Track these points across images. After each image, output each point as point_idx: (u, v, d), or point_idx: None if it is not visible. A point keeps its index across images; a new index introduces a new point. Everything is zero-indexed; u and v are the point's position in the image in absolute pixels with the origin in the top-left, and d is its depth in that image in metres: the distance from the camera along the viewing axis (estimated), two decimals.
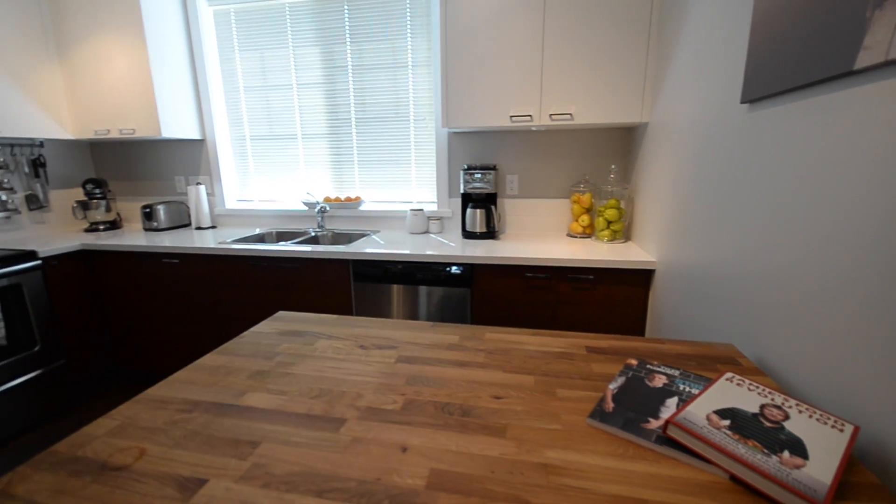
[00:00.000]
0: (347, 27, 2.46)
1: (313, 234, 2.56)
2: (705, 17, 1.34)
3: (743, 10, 1.11)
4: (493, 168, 2.21)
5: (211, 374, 0.90)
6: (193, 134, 2.65)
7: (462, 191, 2.25)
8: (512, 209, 2.43)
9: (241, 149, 2.80)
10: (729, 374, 0.80)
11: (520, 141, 2.34)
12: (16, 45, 2.23)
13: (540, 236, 2.29)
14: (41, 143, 2.59)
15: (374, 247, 2.07)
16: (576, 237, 2.23)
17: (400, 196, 2.64)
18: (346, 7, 2.44)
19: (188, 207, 2.81)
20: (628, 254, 1.84)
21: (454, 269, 1.95)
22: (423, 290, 2.01)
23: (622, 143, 2.24)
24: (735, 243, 1.11)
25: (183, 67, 2.55)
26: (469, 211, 2.23)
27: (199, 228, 2.69)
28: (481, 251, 1.94)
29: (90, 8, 2.32)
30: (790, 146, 0.89)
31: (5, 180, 2.42)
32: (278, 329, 1.15)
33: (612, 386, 0.82)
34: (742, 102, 1.06)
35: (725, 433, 0.64)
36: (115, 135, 2.45)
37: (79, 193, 2.83)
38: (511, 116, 1.99)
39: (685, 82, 1.48)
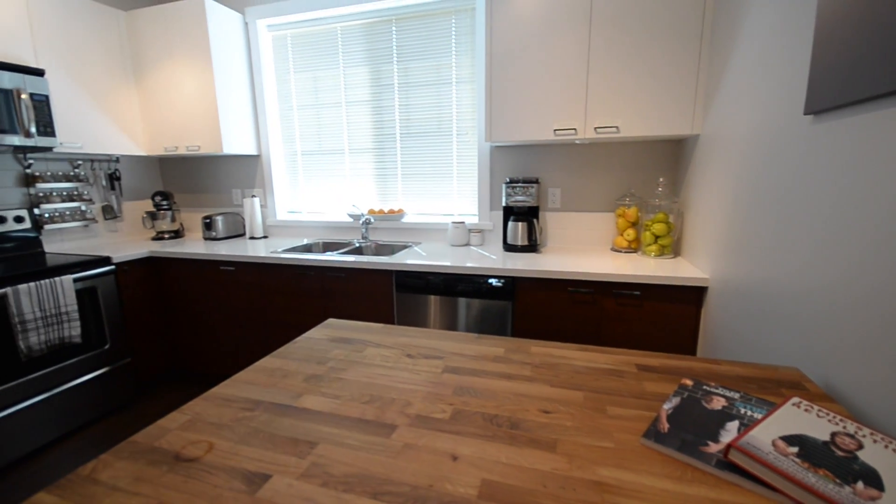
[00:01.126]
0: (395, 47, 2.56)
1: (357, 244, 2.65)
2: (763, 24, 1.30)
3: (805, 15, 1.07)
4: (536, 181, 2.21)
5: (269, 376, 0.96)
6: (250, 150, 2.83)
7: (504, 204, 2.26)
8: (554, 222, 2.41)
9: (293, 163, 2.96)
10: (795, 399, 0.76)
11: (563, 154, 2.33)
12: (99, 71, 2.48)
13: (583, 250, 2.25)
14: (117, 159, 2.85)
15: (416, 258, 2.11)
16: (621, 252, 2.17)
17: (441, 208, 2.69)
18: (393, 28, 2.54)
19: (243, 218, 2.98)
20: (678, 270, 1.77)
21: (495, 281, 1.95)
22: (462, 301, 2.03)
23: (670, 155, 2.18)
24: (800, 260, 1.05)
25: (243, 88, 2.74)
26: (511, 224, 2.23)
27: (252, 238, 2.84)
28: (523, 264, 1.93)
29: (164, 36, 2.55)
30: (861, 160, 0.84)
31: (85, 192, 2.67)
32: (329, 336, 1.19)
33: (667, 406, 0.80)
34: (806, 114, 1.01)
35: (794, 461, 0.60)
36: (182, 151, 2.66)
37: (148, 205, 3.07)
38: (555, 130, 1.99)
39: (742, 93, 1.43)
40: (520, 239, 2.22)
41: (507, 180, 2.25)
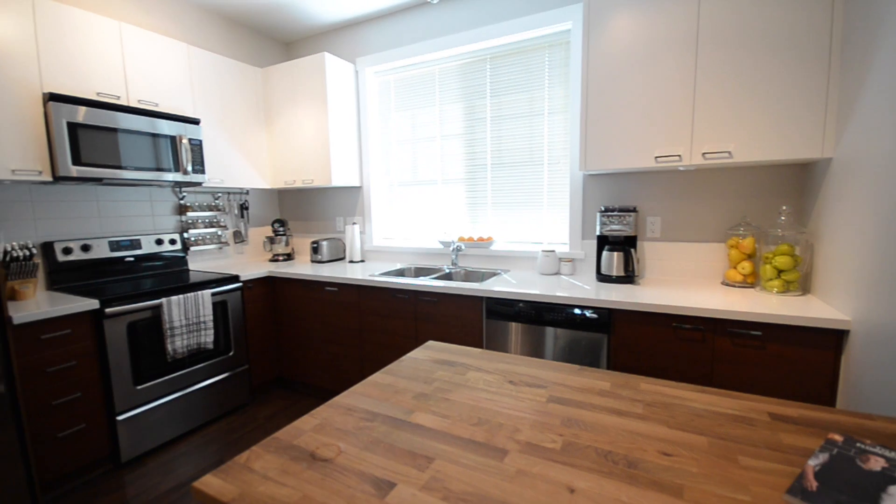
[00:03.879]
0: (488, 83, 2.69)
1: (448, 270, 2.74)
2: None
3: None
4: (633, 210, 2.13)
5: (382, 391, 1.03)
6: (354, 182, 3.12)
7: (598, 233, 2.20)
8: (653, 253, 2.28)
9: (389, 193, 3.19)
10: None
11: (664, 181, 2.22)
12: (239, 118, 2.94)
13: (687, 283, 2.09)
14: (247, 191, 3.32)
15: (506, 286, 2.13)
16: (734, 286, 1.98)
17: (530, 237, 2.69)
18: (488, 66, 2.67)
19: (344, 243, 3.25)
20: (808, 309, 1.57)
21: (589, 312, 1.89)
22: (550, 331, 1.99)
23: (794, 181, 1.96)
24: None
25: (351, 128, 3.05)
26: (605, 253, 2.16)
27: (351, 262, 3.09)
28: (619, 295, 1.85)
29: (291, 86, 2.96)
30: None
31: (221, 220, 3.13)
32: (431, 357, 1.25)
33: (813, 462, 0.71)
34: None
35: None
36: (298, 184, 3.02)
37: (268, 230, 3.50)
38: (656, 157, 1.91)
39: (886, 111, 1.27)
40: (615, 269, 2.13)
41: (602, 209, 2.19)
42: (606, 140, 2.02)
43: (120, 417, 2.06)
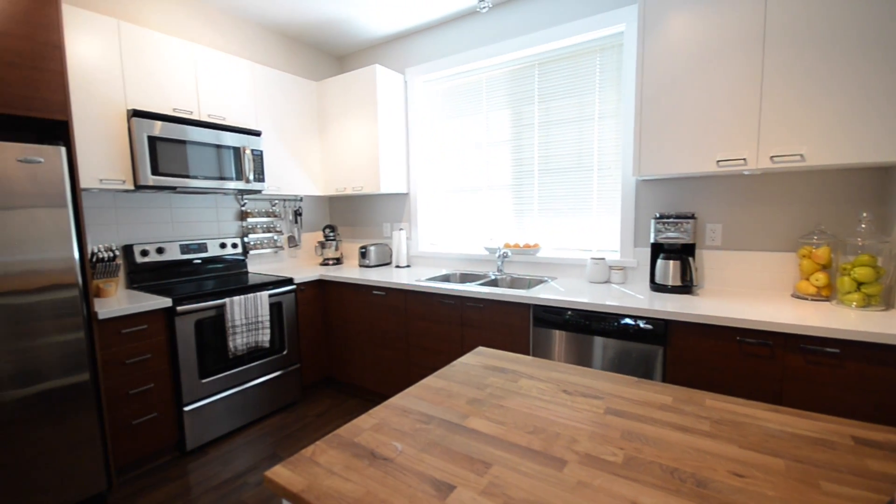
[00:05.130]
0: (536, 89, 2.67)
1: (493, 276, 2.73)
2: None
3: None
4: (691, 217, 2.03)
5: (436, 395, 1.04)
6: (401, 189, 3.19)
7: (652, 240, 2.12)
8: (712, 262, 2.16)
9: (435, 200, 3.23)
10: None
11: (725, 186, 2.11)
12: (296, 129, 3.10)
13: (751, 295, 1.96)
14: (301, 198, 3.48)
15: (554, 293, 2.09)
16: (806, 299, 1.84)
17: (578, 244, 2.63)
18: (536, 72, 2.66)
19: (391, 249, 3.33)
20: (893, 325, 1.42)
21: (642, 323, 1.82)
22: (598, 340, 1.93)
23: (874, 186, 1.80)
24: None
25: (399, 136, 3.13)
26: (660, 262, 2.07)
27: (397, 267, 3.15)
28: (676, 306, 1.77)
29: (343, 98, 3.09)
30: None
31: (277, 225, 3.30)
32: (482, 363, 1.25)
33: None
34: None
35: None
36: (348, 191, 3.14)
37: (319, 236, 3.66)
38: (718, 161, 1.82)
39: None
40: (671, 278, 2.04)
41: (657, 215, 2.11)
42: (662, 144, 1.95)
43: (187, 408, 2.22)
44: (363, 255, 3.18)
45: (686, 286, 2.02)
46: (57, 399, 1.72)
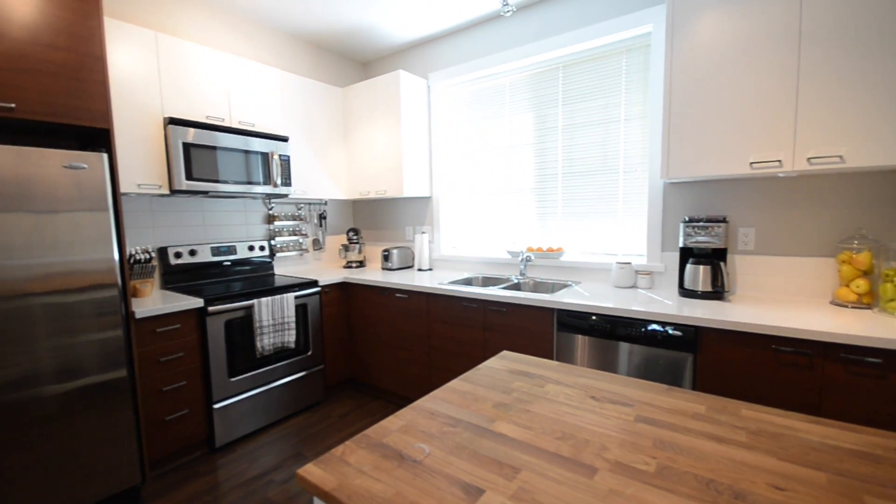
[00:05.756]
0: (560, 91, 2.65)
1: (516, 280, 2.71)
2: None
3: None
4: (723, 220, 1.98)
5: (462, 398, 1.05)
6: (424, 192, 3.22)
7: (681, 244, 2.07)
8: (745, 267, 2.09)
9: (458, 203, 3.24)
10: None
11: (758, 189, 2.04)
12: (322, 134, 3.16)
13: (787, 302, 1.89)
14: (326, 202, 3.55)
15: (579, 298, 2.07)
16: (846, 306, 1.76)
17: (603, 248, 2.59)
18: (560, 75, 2.64)
19: (413, 252, 3.35)
20: None
21: (671, 329, 1.77)
22: (624, 346, 1.89)
23: None
24: None
25: (422, 140, 3.16)
26: (690, 267, 2.02)
27: (419, 270, 3.17)
28: (707, 312, 1.72)
29: (367, 103, 3.14)
30: None
31: (302, 228, 3.37)
32: (507, 367, 1.25)
33: None
34: None
35: None
36: (372, 195, 3.18)
37: (343, 239, 3.72)
38: (751, 163, 1.77)
39: None
40: (701, 284, 1.98)
41: (686, 219, 2.06)
42: (692, 146, 1.90)
43: (216, 406, 2.28)
44: (386, 258, 3.22)
45: (717, 292, 1.96)
46: (96, 394, 1.79)
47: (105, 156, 1.79)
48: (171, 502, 1.95)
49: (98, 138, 1.94)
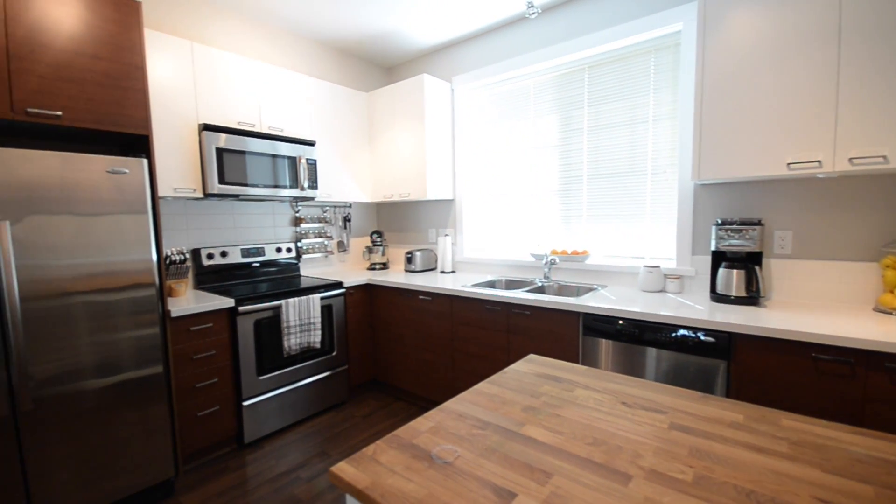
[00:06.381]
0: (586, 93, 2.62)
1: (540, 283, 2.69)
2: None
3: None
4: (758, 223, 1.91)
5: (490, 401, 1.04)
6: (447, 195, 3.23)
7: (713, 248, 2.01)
8: (781, 271, 2.02)
9: (481, 205, 3.24)
10: None
11: (795, 191, 1.97)
12: (347, 138, 3.21)
13: (827, 308, 1.81)
14: (350, 205, 3.60)
15: (605, 302, 2.03)
16: (890, 313, 1.67)
17: (629, 251, 2.54)
18: (586, 76, 2.62)
19: (436, 254, 3.37)
20: None
21: (702, 335, 1.72)
22: (651, 352, 1.85)
23: None
24: None
25: (445, 143, 3.18)
26: (723, 271, 1.96)
27: (442, 272, 3.18)
28: (741, 318, 1.66)
29: (391, 107, 3.18)
30: None
31: (327, 231, 3.43)
32: (534, 371, 1.24)
33: None
34: None
35: None
36: (395, 198, 3.21)
37: (367, 241, 3.77)
38: (789, 164, 1.70)
39: None
40: (734, 289, 1.92)
41: (719, 222, 2.00)
42: (725, 146, 1.85)
43: (245, 403, 2.34)
44: (409, 260, 3.24)
45: (752, 297, 1.90)
46: (133, 389, 1.87)
47: (145, 161, 1.87)
48: (204, 495, 2.01)
49: (137, 144, 2.03)
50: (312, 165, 2.83)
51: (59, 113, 1.71)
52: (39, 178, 1.62)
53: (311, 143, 2.84)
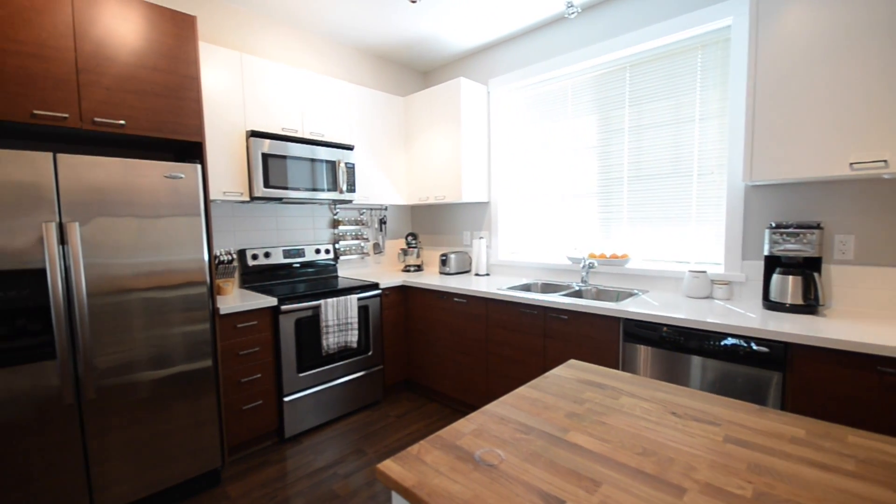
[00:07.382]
0: (627, 92, 2.55)
1: (577, 287, 2.64)
2: None
3: None
4: (816, 226, 1.80)
5: (532, 405, 1.03)
6: (482, 198, 3.22)
7: (766, 253, 1.91)
8: (842, 278, 1.89)
9: (516, 208, 3.22)
10: None
11: (858, 192, 1.84)
12: (384, 142, 3.27)
13: (893, 318, 1.68)
14: (386, 207, 3.66)
15: (648, 307, 1.97)
16: None
17: (673, 255, 2.45)
18: (627, 75, 2.55)
19: (470, 257, 3.37)
20: None
21: (754, 345, 1.63)
22: (696, 360, 1.78)
23: None
24: None
25: (481, 146, 3.18)
26: (777, 277, 1.86)
27: (477, 275, 3.17)
28: (798, 327, 1.57)
29: (428, 111, 3.21)
30: None
31: (364, 233, 3.50)
32: (576, 377, 1.22)
33: None
34: None
35: None
36: (431, 200, 3.24)
37: (402, 243, 3.82)
38: (851, 164, 1.59)
39: None
40: (790, 296, 1.81)
41: (773, 225, 1.90)
42: (780, 146, 1.75)
43: (286, 399, 2.43)
44: (443, 262, 3.25)
45: (809, 305, 1.79)
46: (185, 382, 1.97)
47: (199, 166, 1.98)
48: (248, 486, 2.09)
49: (191, 150, 2.15)
50: (351, 169, 2.90)
51: (123, 122, 1.83)
52: (105, 183, 1.74)
53: (350, 148, 2.91)
